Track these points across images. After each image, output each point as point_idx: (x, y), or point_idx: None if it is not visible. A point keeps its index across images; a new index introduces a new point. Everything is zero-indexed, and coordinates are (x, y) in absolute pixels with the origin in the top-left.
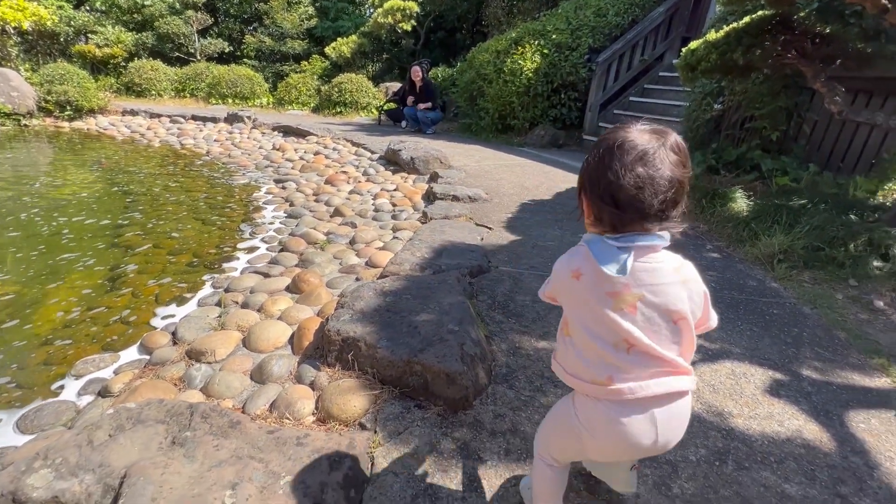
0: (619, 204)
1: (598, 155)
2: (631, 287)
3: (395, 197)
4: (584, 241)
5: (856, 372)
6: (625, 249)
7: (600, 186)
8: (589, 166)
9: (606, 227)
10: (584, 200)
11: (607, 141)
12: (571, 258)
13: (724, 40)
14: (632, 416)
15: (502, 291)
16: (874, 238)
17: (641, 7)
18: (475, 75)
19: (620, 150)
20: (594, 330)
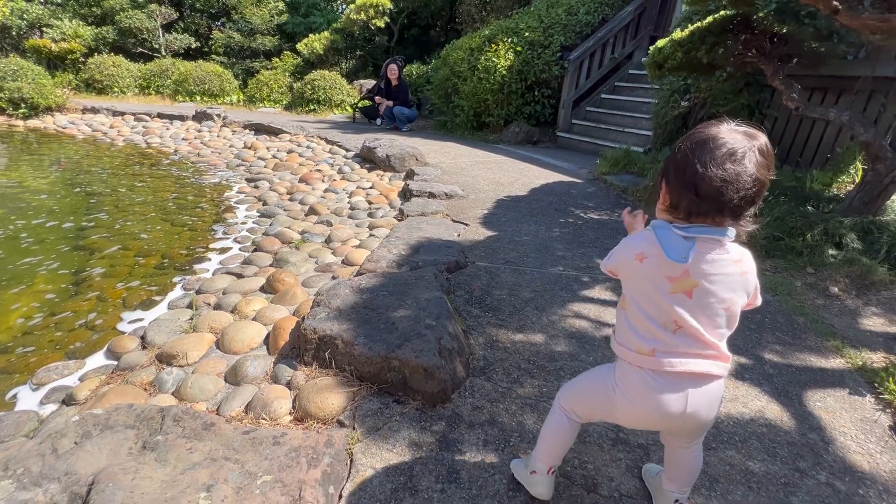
0: (700, 194)
1: (690, 146)
2: (690, 274)
3: (370, 195)
4: (652, 227)
5: (813, 354)
6: (690, 239)
7: (686, 175)
8: (677, 155)
9: (680, 215)
10: (664, 186)
11: (701, 134)
12: (638, 242)
13: (689, 39)
14: (666, 387)
15: (479, 286)
16: (829, 228)
17: (611, 6)
18: (450, 73)
19: (713, 143)
20: (647, 309)
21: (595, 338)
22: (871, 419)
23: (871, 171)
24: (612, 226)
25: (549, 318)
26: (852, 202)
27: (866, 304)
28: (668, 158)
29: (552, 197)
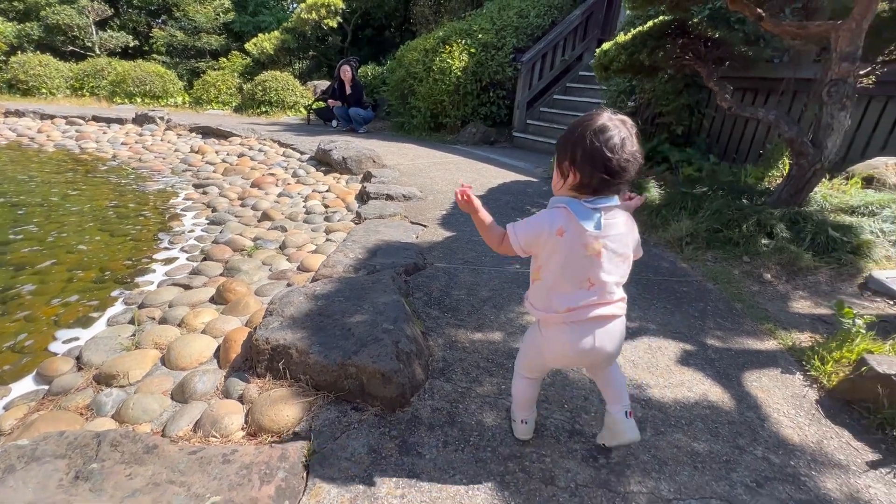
0: (610, 173)
1: (594, 136)
2: (599, 238)
3: (327, 198)
4: (563, 203)
5: (750, 337)
6: (597, 210)
7: (596, 160)
8: (585, 145)
9: (587, 191)
10: (571, 169)
11: (596, 125)
12: (554, 218)
13: (632, 42)
14: (579, 332)
15: (438, 287)
16: (761, 219)
17: (560, 9)
18: (405, 74)
19: (611, 132)
20: (566, 274)
21: None
22: (800, 395)
23: (796, 165)
24: None
25: (507, 316)
26: (781, 194)
27: (795, 288)
28: (570, 148)
29: (509, 196)
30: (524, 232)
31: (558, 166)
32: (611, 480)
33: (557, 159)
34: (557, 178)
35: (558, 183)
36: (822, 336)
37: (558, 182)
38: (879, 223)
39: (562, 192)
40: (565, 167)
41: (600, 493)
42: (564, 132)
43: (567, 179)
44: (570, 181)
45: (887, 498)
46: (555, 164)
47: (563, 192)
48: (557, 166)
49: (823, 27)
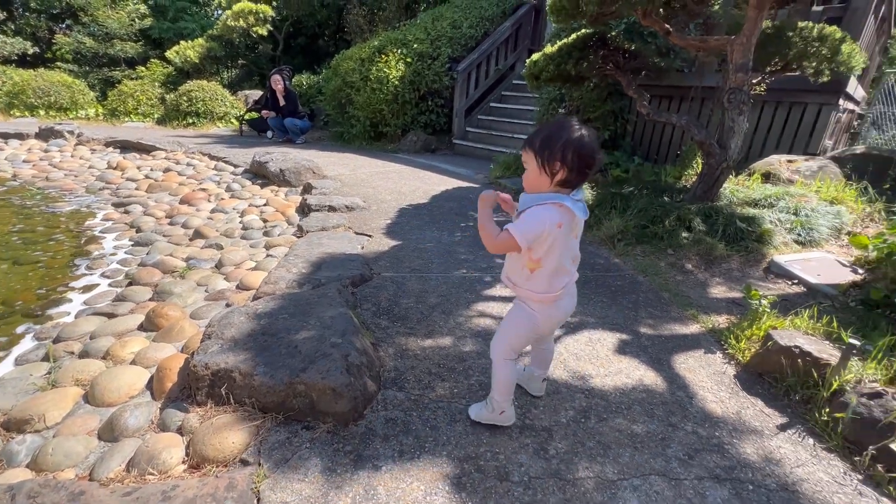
0: (591, 172)
1: (579, 144)
2: (579, 223)
3: (265, 212)
4: (560, 200)
5: (676, 323)
6: (580, 200)
7: (585, 162)
8: (570, 146)
9: (570, 186)
10: (562, 169)
11: (577, 133)
12: (552, 214)
13: (559, 53)
14: (567, 299)
15: (386, 297)
16: (681, 215)
17: (491, 21)
18: (342, 83)
19: (588, 140)
20: (562, 257)
21: None
22: (720, 371)
23: (706, 165)
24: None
25: (456, 321)
26: (696, 191)
27: (712, 275)
28: (561, 150)
29: (452, 203)
30: (531, 231)
31: (544, 167)
32: (561, 470)
33: (544, 161)
34: (541, 177)
35: (543, 181)
36: (736, 317)
37: (543, 180)
38: (777, 213)
39: (549, 190)
40: (555, 167)
41: (552, 482)
42: (546, 137)
43: (556, 177)
44: (559, 178)
45: (794, 455)
46: (537, 166)
47: (551, 189)
48: (542, 167)
49: (720, 41)
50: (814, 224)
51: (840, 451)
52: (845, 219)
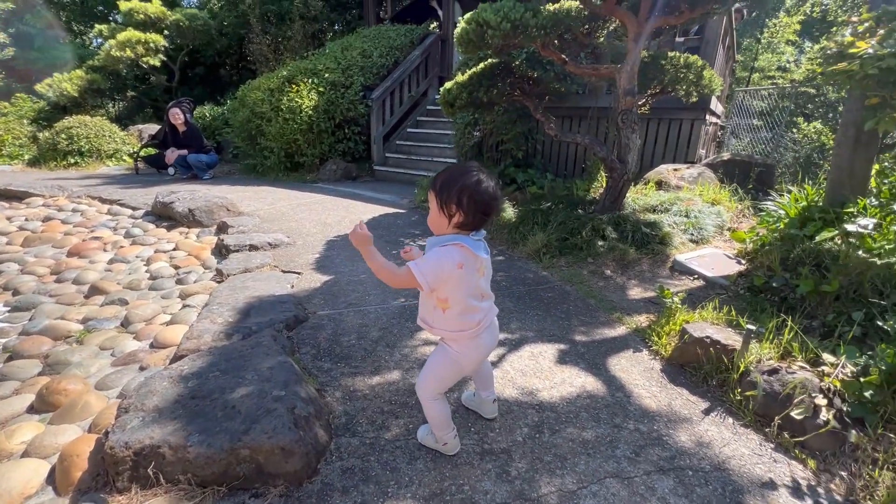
0: (489, 215)
1: (474, 185)
2: (483, 261)
3: (175, 258)
4: (459, 241)
5: (605, 327)
6: (480, 240)
7: (482, 207)
8: (466, 191)
9: (468, 229)
10: (458, 212)
11: (471, 175)
12: (453, 255)
13: (470, 82)
14: (486, 335)
15: (325, 337)
16: (595, 225)
17: (400, 50)
18: (250, 114)
19: (486, 184)
20: (469, 295)
21: None
22: (649, 368)
23: (610, 178)
24: None
25: (402, 353)
26: (604, 203)
27: (628, 278)
28: (457, 195)
29: (381, 230)
30: (431, 271)
31: (443, 209)
32: (524, 490)
33: (442, 203)
34: (441, 218)
35: (442, 222)
36: (654, 315)
37: (442, 221)
38: (672, 217)
39: (448, 231)
40: (452, 209)
41: (518, 503)
42: (445, 181)
43: (453, 219)
44: (456, 220)
45: (719, 435)
46: (437, 207)
47: (449, 231)
48: (441, 209)
49: (609, 69)
50: (702, 224)
51: (754, 425)
52: (725, 217)
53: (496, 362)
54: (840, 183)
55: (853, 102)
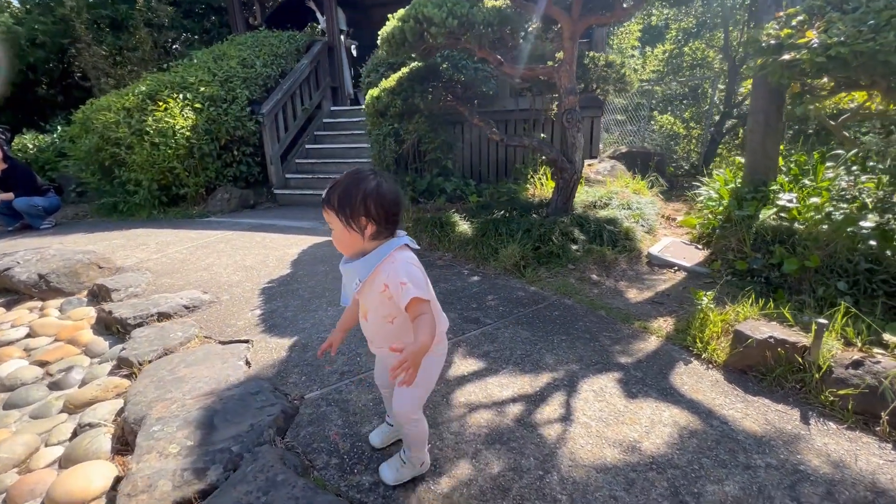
0: (398, 215)
1: (375, 191)
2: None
3: (36, 349)
4: (400, 243)
5: (636, 340)
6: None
7: (387, 211)
8: (371, 200)
9: (384, 236)
10: (369, 224)
11: (370, 182)
12: (412, 264)
13: (402, 88)
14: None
15: (338, 432)
16: (562, 229)
17: (285, 58)
18: (101, 141)
19: (389, 189)
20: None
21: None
22: (713, 379)
23: (560, 179)
24: None
25: (463, 429)
26: (556, 204)
27: (616, 280)
28: (363, 206)
29: (322, 266)
30: (422, 285)
31: (350, 224)
32: None
33: (348, 219)
34: (352, 235)
35: (355, 239)
36: (669, 317)
37: (355, 238)
38: (618, 211)
39: (366, 245)
40: (361, 222)
41: None
42: (343, 194)
43: (366, 232)
44: (370, 232)
45: (841, 447)
46: (343, 225)
47: (368, 244)
48: (349, 225)
49: (547, 69)
50: (646, 214)
51: (860, 426)
52: (658, 206)
53: (567, 414)
54: (755, 165)
55: (760, 91)
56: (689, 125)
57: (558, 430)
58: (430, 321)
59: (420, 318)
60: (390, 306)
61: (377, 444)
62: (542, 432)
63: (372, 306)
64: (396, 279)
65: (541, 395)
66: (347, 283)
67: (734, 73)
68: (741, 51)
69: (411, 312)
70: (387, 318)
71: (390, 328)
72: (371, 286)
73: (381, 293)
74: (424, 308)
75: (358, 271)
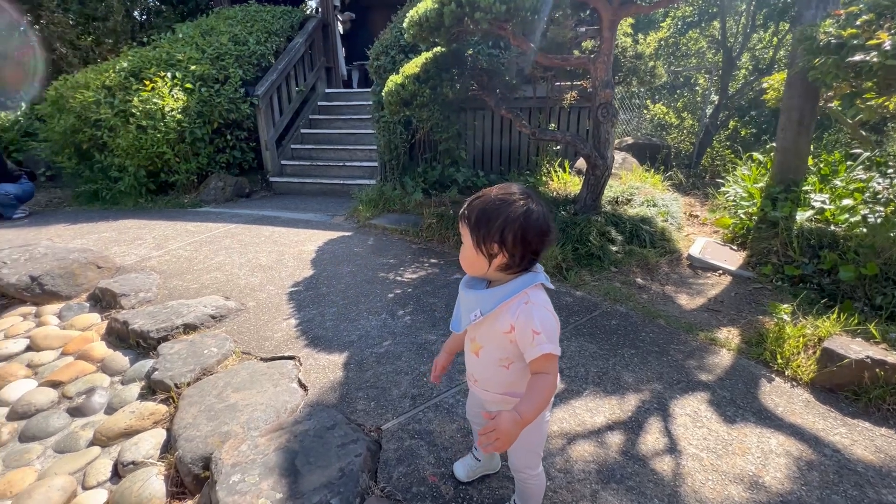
0: (537, 257)
1: (525, 218)
2: None
3: (43, 366)
4: (535, 281)
5: (708, 355)
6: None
7: (526, 247)
8: (515, 228)
9: (515, 270)
10: (501, 254)
11: (525, 202)
12: (550, 309)
13: (428, 76)
14: None
15: (432, 472)
16: (599, 229)
17: (279, 35)
18: (78, 121)
19: (537, 209)
20: None
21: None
22: (804, 400)
23: (592, 176)
24: (437, 281)
25: (564, 458)
26: (585, 201)
27: (662, 285)
28: (499, 232)
29: (346, 266)
30: (556, 337)
31: (480, 248)
32: None
33: (480, 241)
34: (479, 258)
35: (480, 263)
36: (734, 328)
37: (480, 262)
38: (645, 209)
39: (491, 273)
40: (493, 249)
41: None
42: (483, 213)
43: (494, 261)
44: (498, 263)
45: None
46: (473, 245)
47: (491, 272)
48: (479, 248)
49: (581, 60)
50: (672, 212)
51: None
52: (681, 202)
53: (672, 444)
54: (786, 163)
55: (796, 88)
56: (682, 115)
57: (670, 464)
58: (550, 384)
59: (541, 377)
60: (511, 350)
61: (462, 476)
62: (655, 467)
63: (489, 345)
64: (528, 325)
65: (635, 420)
66: (465, 310)
67: (730, 65)
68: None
69: (534, 367)
70: (503, 362)
71: (504, 374)
72: (494, 322)
73: (505, 334)
74: (552, 367)
75: (481, 302)
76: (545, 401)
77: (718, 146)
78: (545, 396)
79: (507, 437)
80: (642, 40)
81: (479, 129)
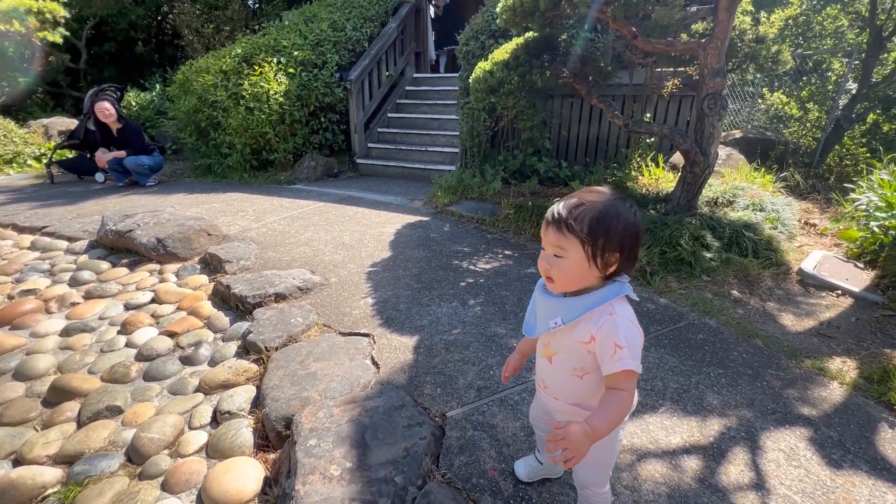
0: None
1: (636, 224)
2: None
3: (162, 317)
4: (621, 293)
5: (813, 386)
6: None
7: (634, 250)
8: (632, 237)
9: (623, 274)
10: (615, 260)
11: (632, 210)
12: (635, 323)
13: (518, 62)
14: None
15: (493, 466)
16: (692, 232)
17: (374, 21)
18: (198, 102)
19: (640, 221)
20: None
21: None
22: None
23: (690, 173)
24: (510, 274)
25: (632, 475)
26: (679, 201)
27: (763, 301)
28: (618, 241)
29: (421, 250)
30: (637, 344)
31: (596, 258)
32: None
33: (597, 251)
34: (590, 270)
35: (590, 274)
36: (850, 359)
37: (591, 273)
38: (749, 213)
39: (593, 282)
40: (612, 259)
41: None
42: (598, 222)
43: (609, 269)
44: (612, 270)
45: None
46: (586, 256)
47: (594, 281)
48: (594, 258)
49: (689, 45)
50: (784, 218)
51: None
52: (796, 208)
53: (760, 480)
54: None
55: None
56: (806, 106)
57: (755, 502)
58: (627, 402)
59: (617, 393)
60: (587, 360)
61: (523, 476)
62: (736, 502)
63: (563, 352)
64: (611, 337)
65: (717, 447)
66: (543, 316)
67: (877, 47)
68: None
69: (611, 382)
70: (576, 371)
71: (577, 384)
72: (573, 331)
73: (583, 343)
74: (630, 385)
75: (563, 310)
76: (620, 418)
77: (850, 144)
78: (620, 413)
79: (577, 451)
80: (765, 20)
81: (566, 117)
